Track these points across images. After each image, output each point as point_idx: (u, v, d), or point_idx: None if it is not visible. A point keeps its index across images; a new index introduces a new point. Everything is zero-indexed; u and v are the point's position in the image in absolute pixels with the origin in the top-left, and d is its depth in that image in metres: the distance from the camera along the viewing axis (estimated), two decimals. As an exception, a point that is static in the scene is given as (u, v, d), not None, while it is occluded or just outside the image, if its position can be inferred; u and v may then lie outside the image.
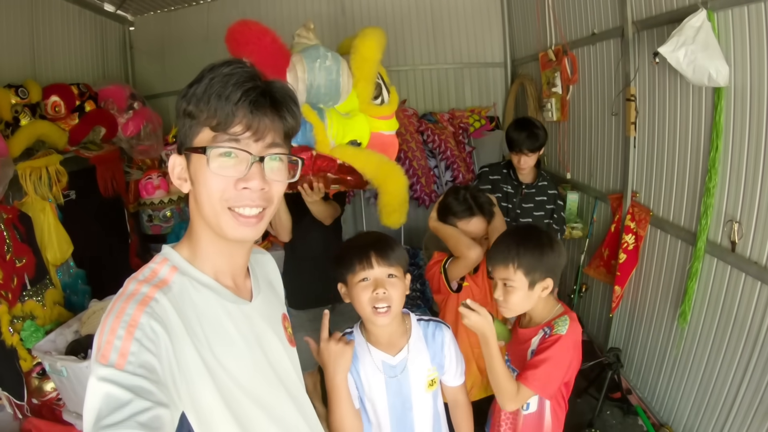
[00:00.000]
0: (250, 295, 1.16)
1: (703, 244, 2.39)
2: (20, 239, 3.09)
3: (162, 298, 0.93)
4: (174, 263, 1.03)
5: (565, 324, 1.72)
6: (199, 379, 0.95)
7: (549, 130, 4.32)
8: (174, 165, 1.03)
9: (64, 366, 2.60)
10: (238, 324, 1.07)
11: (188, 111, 0.97)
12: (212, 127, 0.95)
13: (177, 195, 4.43)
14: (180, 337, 0.93)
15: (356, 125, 2.24)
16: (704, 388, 2.48)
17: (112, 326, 0.86)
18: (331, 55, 2.13)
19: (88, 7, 4.75)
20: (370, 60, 2.14)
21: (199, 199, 1.00)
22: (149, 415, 0.78)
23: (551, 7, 3.95)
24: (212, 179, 0.96)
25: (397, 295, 1.61)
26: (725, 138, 2.24)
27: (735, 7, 2.07)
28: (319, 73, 2.06)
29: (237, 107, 0.94)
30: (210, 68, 0.97)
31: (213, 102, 0.94)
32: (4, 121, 3.29)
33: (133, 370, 0.82)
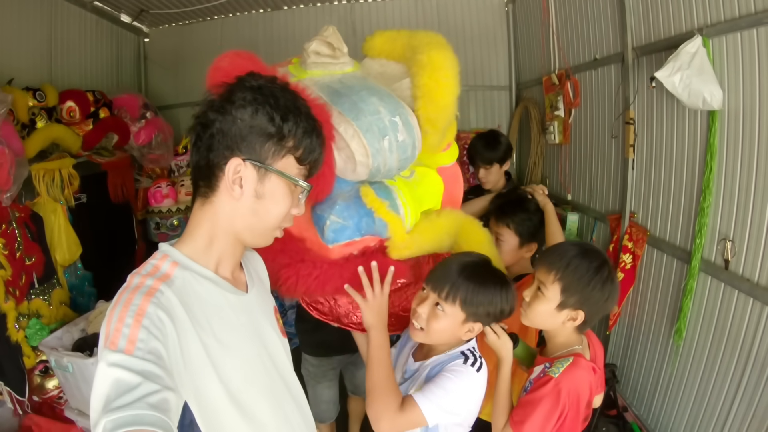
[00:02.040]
0: (245, 287, 1.23)
1: (697, 262, 2.46)
2: (31, 238, 3.18)
3: (167, 290, 0.97)
4: (174, 259, 1.07)
5: (562, 366, 1.53)
6: (202, 369, 0.99)
7: (551, 152, 4.44)
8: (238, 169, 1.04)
9: (70, 362, 2.66)
10: (239, 314, 1.14)
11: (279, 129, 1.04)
12: (297, 158, 1.08)
13: (185, 204, 4.51)
14: (185, 327, 0.97)
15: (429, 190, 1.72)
16: (699, 404, 2.52)
17: (120, 315, 0.89)
18: (400, 119, 1.48)
19: (105, 16, 4.91)
20: (447, 108, 1.54)
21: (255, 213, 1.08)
22: (158, 398, 0.80)
23: (555, 33, 4.07)
24: (283, 206, 1.09)
25: (435, 327, 1.52)
26: (719, 159, 2.32)
27: (729, 34, 2.17)
28: (390, 155, 1.46)
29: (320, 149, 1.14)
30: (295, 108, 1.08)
31: (308, 139, 1.08)
32: (21, 122, 3.38)
33: (142, 355, 0.84)
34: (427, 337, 1.56)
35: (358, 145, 1.42)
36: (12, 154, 2.89)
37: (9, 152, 2.86)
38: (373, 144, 1.42)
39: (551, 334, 1.67)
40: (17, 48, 3.78)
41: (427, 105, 1.51)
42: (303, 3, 5.44)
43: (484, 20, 5.45)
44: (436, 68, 1.49)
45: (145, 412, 0.77)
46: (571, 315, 1.56)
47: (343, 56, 1.70)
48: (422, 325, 1.54)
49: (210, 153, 1.05)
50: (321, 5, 5.51)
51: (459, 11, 5.48)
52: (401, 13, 5.53)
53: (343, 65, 1.68)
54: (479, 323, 1.57)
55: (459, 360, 1.55)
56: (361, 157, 1.43)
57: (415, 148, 1.54)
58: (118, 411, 0.76)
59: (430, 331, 1.53)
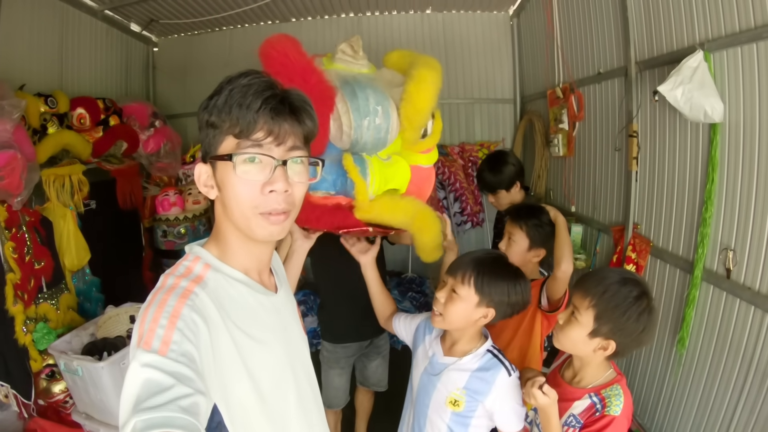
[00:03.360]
0: (274, 288, 1.24)
1: (700, 272, 2.49)
2: (40, 242, 3.23)
3: (201, 292, 0.98)
4: (206, 261, 1.08)
5: (620, 401, 1.54)
6: (233, 370, 0.99)
7: (555, 165, 4.50)
8: (200, 173, 1.09)
9: (80, 365, 2.70)
10: (271, 314, 1.15)
11: (211, 122, 1.03)
12: (235, 135, 1.01)
13: (192, 213, 4.56)
14: (218, 329, 0.97)
15: (397, 174, 2.05)
16: (702, 413, 2.55)
17: (154, 316, 0.89)
18: (381, 109, 1.88)
19: (115, 25, 5.01)
20: (422, 112, 1.92)
21: (227, 204, 1.05)
22: (190, 401, 0.80)
23: (560, 47, 4.14)
24: (240, 185, 1.02)
25: (452, 310, 1.72)
26: (720, 171, 2.37)
27: (729, 48, 2.22)
28: (366, 131, 1.87)
29: (258, 114, 0.99)
30: (228, 80, 1.02)
31: (234, 111, 0.99)
32: (32, 127, 3.43)
33: (175, 357, 0.84)
34: (445, 322, 1.73)
35: (346, 119, 1.83)
36: (24, 159, 2.95)
37: (21, 157, 2.91)
38: (356, 120, 1.82)
39: (582, 362, 1.66)
40: (29, 54, 3.86)
41: (407, 106, 1.88)
42: (311, 15, 5.54)
43: (489, 34, 5.55)
44: (420, 81, 1.86)
45: (176, 414, 0.77)
46: (603, 344, 1.55)
47: (361, 59, 2.10)
48: (441, 310, 1.73)
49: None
50: (329, 18, 5.60)
51: (464, 25, 5.57)
52: (407, 27, 5.63)
53: (361, 66, 2.09)
54: (492, 309, 1.72)
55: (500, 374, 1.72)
56: (347, 128, 1.84)
57: (388, 132, 1.91)
58: (150, 411, 0.76)
59: (447, 314, 1.71)
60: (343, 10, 5.48)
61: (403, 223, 1.98)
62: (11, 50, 3.62)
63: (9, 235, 2.99)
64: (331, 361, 2.74)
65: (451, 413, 1.76)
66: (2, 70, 3.48)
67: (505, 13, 5.51)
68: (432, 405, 1.82)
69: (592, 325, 1.52)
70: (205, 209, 4.66)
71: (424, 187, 2.22)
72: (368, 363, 2.84)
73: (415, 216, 2.00)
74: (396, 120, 1.91)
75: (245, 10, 5.06)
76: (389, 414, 2.86)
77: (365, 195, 1.88)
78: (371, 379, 2.87)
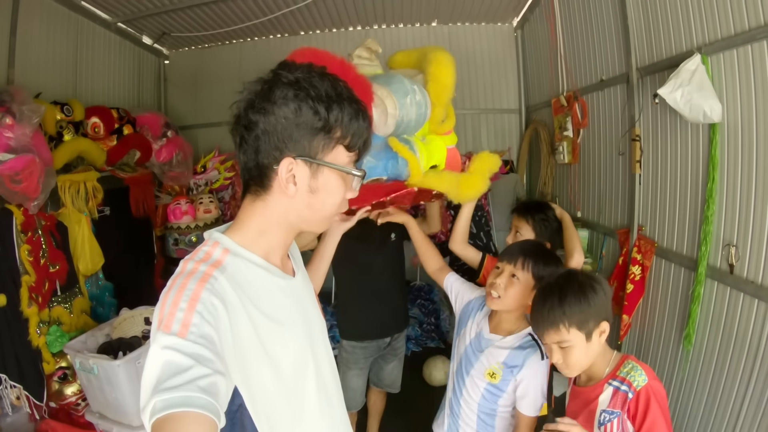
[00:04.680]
0: (292, 272, 1.25)
1: (703, 269, 2.54)
2: (56, 246, 3.31)
3: (220, 276, 0.98)
4: (225, 245, 1.08)
5: (639, 371, 1.56)
6: (253, 354, 1.00)
7: (560, 172, 4.56)
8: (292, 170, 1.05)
9: (96, 364, 2.74)
10: (289, 297, 1.16)
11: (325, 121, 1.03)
12: (346, 146, 1.08)
13: (203, 222, 4.65)
14: (237, 313, 0.98)
15: (436, 150, 2.25)
16: (709, 408, 2.58)
17: (174, 299, 0.91)
18: (417, 87, 2.07)
19: (128, 38, 5.16)
20: (448, 87, 2.14)
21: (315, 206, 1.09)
22: (208, 381, 0.81)
23: (563, 57, 4.23)
24: (338, 195, 1.11)
25: (511, 293, 1.90)
26: (720, 169, 2.43)
27: (726, 51, 2.29)
28: (410, 108, 2.02)
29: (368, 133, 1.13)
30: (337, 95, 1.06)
31: (355, 124, 1.07)
32: (49, 134, 3.51)
33: (194, 339, 0.85)
34: (502, 304, 1.91)
35: (390, 101, 1.96)
36: (42, 164, 3.04)
37: (39, 161, 3.01)
38: (400, 99, 1.98)
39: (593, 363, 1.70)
40: (45, 64, 3.97)
41: (434, 84, 2.10)
42: (319, 28, 5.67)
43: (494, 46, 5.66)
44: (439, 62, 2.12)
45: (195, 394, 0.78)
46: (600, 331, 1.62)
47: (376, 60, 2.33)
48: (500, 293, 1.89)
49: (258, 155, 1.06)
50: (337, 31, 5.73)
51: (470, 37, 5.68)
52: (414, 39, 5.74)
53: (376, 68, 2.30)
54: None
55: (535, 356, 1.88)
56: (392, 110, 1.96)
57: (427, 107, 2.10)
58: (169, 392, 0.77)
59: (506, 297, 1.89)
60: (351, 23, 5.60)
61: (454, 190, 2.18)
62: (28, 60, 3.74)
63: (25, 238, 3.07)
64: (350, 362, 2.76)
65: (487, 384, 1.95)
66: (19, 78, 3.60)
67: (509, 25, 5.63)
68: (473, 373, 1.99)
69: (583, 335, 1.59)
70: (215, 218, 4.74)
71: (454, 165, 2.45)
72: (384, 365, 2.87)
73: (459, 181, 2.19)
74: (428, 96, 2.12)
75: (255, 24, 5.18)
76: (400, 415, 2.90)
77: (419, 169, 2.06)
78: (386, 380, 2.90)
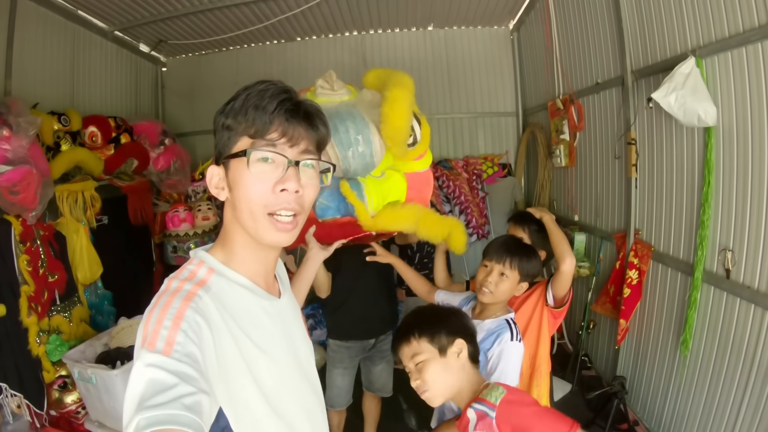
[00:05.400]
0: (278, 293, 1.22)
1: (700, 273, 2.54)
2: (54, 256, 3.31)
3: (204, 295, 0.97)
4: (210, 265, 1.07)
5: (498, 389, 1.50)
6: (237, 374, 0.98)
7: (558, 175, 4.56)
8: (212, 175, 1.08)
9: (94, 373, 2.75)
10: (274, 319, 1.14)
11: (227, 124, 1.04)
12: (250, 135, 1.01)
13: (201, 229, 4.65)
14: (221, 332, 0.96)
15: (393, 187, 2.21)
16: (707, 413, 2.57)
17: (158, 317, 0.89)
18: (362, 138, 2.03)
19: (125, 46, 5.16)
20: (401, 129, 2.02)
21: (238, 205, 1.04)
22: (193, 399, 0.80)
23: (558, 60, 4.23)
24: (252, 184, 1.01)
25: (502, 288, 2.01)
26: (716, 173, 2.43)
27: (720, 53, 2.30)
28: (353, 160, 2.03)
29: (273, 116, 1.01)
30: (244, 87, 1.04)
31: (251, 113, 1.01)
32: (46, 145, 3.50)
33: (179, 357, 0.84)
34: (493, 297, 2.01)
35: (332, 153, 2.00)
36: (39, 175, 3.04)
37: (36, 172, 3.01)
38: (341, 152, 2.01)
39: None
40: (42, 74, 3.97)
41: (385, 127, 2.00)
42: (315, 34, 5.67)
43: (490, 49, 5.67)
44: (393, 101, 1.96)
45: (179, 412, 0.77)
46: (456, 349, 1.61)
47: (339, 89, 2.23)
48: (491, 289, 2.00)
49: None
50: (333, 37, 5.73)
51: (466, 41, 5.68)
52: (410, 45, 5.75)
53: (341, 95, 2.22)
54: (526, 283, 2.06)
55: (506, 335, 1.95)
56: (335, 161, 2.00)
57: (373, 156, 2.07)
58: (153, 409, 0.76)
59: (497, 292, 2.00)
60: (347, 29, 5.60)
61: (410, 228, 2.18)
62: (25, 70, 3.73)
63: (24, 249, 3.06)
64: (335, 361, 2.82)
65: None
66: (16, 89, 3.59)
67: (505, 28, 5.63)
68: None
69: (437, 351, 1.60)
70: (214, 225, 4.74)
71: (423, 191, 2.40)
72: (372, 367, 2.89)
73: (419, 219, 2.20)
74: (378, 142, 2.06)
75: (251, 31, 5.19)
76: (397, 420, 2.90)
77: (366, 214, 2.06)
78: (376, 383, 2.92)
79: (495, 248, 2.09)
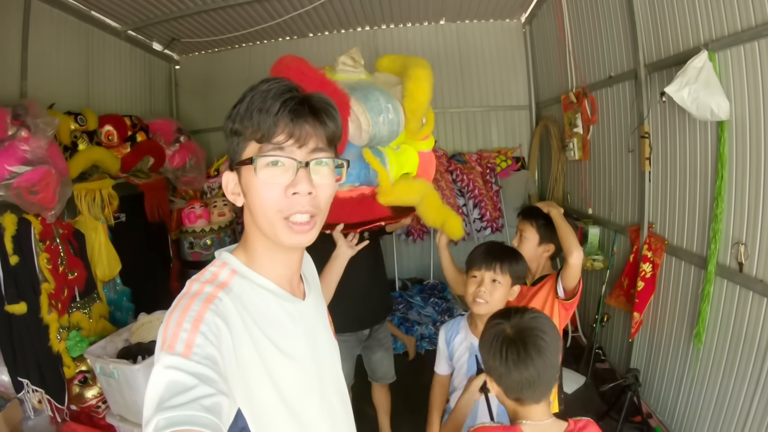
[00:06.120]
0: (303, 294, 1.21)
1: (713, 267, 2.54)
2: (73, 253, 3.36)
3: (225, 297, 0.97)
4: (233, 267, 1.08)
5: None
6: (257, 377, 0.99)
7: (571, 169, 4.56)
8: (227, 181, 1.08)
9: (116, 368, 2.80)
10: (297, 322, 1.13)
11: (234, 129, 1.03)
12: (257, 140, 1.00)
13: (218, 225, 4.69)
14: (240, 335, 0.96)
15: (408, 158, 2.38)
16: (720, 406, 2.58)
17: (178, 320, 0.90)
18: (392, 106, 2.19)
19: (138, 45, 5.21)
20: (423, 105, 2.23)
21: (253, 210, 1.04)
22: (212, 401, 0.80)
23: (571, 53, 4.21)
24: (263, 189, 1.00)
25: (497, 295, 1.97)
26: (729, 167, 2.42)
27: (733, 47, 2.29)
28: (383, 126, 2.15)
29: (278, 118, 0.98)
30: (250, 88, 1.03)
31: (255, 116, 0.98)
32: (63, 144, 3.56)
33: (198, 359, 0.84)
34: (490, 307, 1.93)
35: (364, 118, 2.09)
36: (58, 174, 3.09)
37: (55, 172, 3.06)
38: (373, 118, 2.11)
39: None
40: (57, 75, 4.03)
41: (409, 101, 2.19)
42: (327, 30, 5.69)
43: (502, 43, 5.65)
44: (418, 79, 2.18)
45: (198, 413, 0.77)
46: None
47: (360, 67, 2.43)
48: (486, 299, 1.95)
49: None
50: (345, 32, 5.75)
51: (478, 35, 5.67)
52: (422, 39, 5.75)
53: (359, 74, 2.42)
54: (518, 286, 2.03)
55: None
56: (366, 126, 2.10)
57: (400, 125, 2.23)
58: (172, 410, 0.77)
59: (493, 301, 1.95)
60: (359, 24, 5.61)
61: (416, 201, 2.31)
62: (40, 71, 3.79)
63: (44, 247, 3.12)
64: None
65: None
66: (32, 90, 3.66)
67: (517, 21, 5.61)
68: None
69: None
70: (230, 221, 4.79)
71: (429, 169, 2.59)
72: (371, 355, 2.93)
73: (424, 195, 2.33)
74: (403, 115, 2.24)
75: (264, 27, 5.22)
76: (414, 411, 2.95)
77: (387, 180, 2.19)
78: (378, 372, 2.96)
79: (480, 257, 2.04)
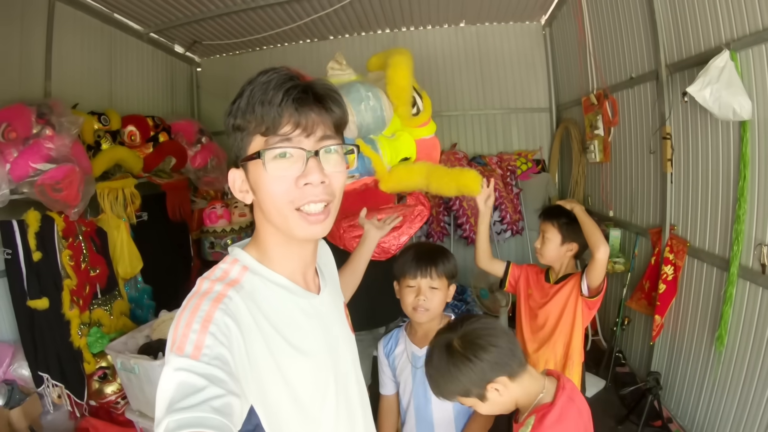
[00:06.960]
0: (318, 288, 1.18)
1: (735, 269, 2.50)
2: (96, 251, 3.43)
3: (235, 295, 0.96)
4: (244, 263, 1.05)
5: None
6: (269, 374, 0.97)
7: (592, 171, 4.52)
8: (234, 179, 1.05)
9: (137, 363, 2.84)
10: (311, 318, 1.11)
11: (236, 125, 1.00)
12: (262, 133, 0.97)
13: (238, 225, 4.73)
14: (251, 333, 0.95)
15: (403, 144, 2.44)
16: (741, 411, 2.53)
17: (187, 321, 0.89)
18: (372, 94, 2.30)
19: (160, 47, 5.31)
20: (405, 88, 2.32)
21: (264, 206, 1.01)
22: (222, 402, 0.80)
23: (592, 55, 4.18)
24: (273, 183, 0.97)
25: (437, 300, 1.89)
26: (752, 167, 2.39)
27: (754, 46, 2.26)
28: (366, 113, 2.26)
29: (282, 108, 0.94)
30: (248, 81, 0.99)
31: (258, 109, 0.95)
32: (87, 144, 3.62)
33: (208, 360, 0.84)
34: (431, 314, 1.89)
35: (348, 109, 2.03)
36: (81, 172, 3.16)
37: (79, 170, 3.13)
38: (355, 107, 2.22)
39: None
40: (80, 76, 4.12)
41: (390, 86, 2.31)
42: (348, 33, 5.72)
43: (522, 45, 5.63)
44: (394, 65, 2.29)
45: (208, 415, 0.77)
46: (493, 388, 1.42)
47: (348, 69, 2.54)
48: (428, 306, 1.87)
49: None
50: (365, 35, 5.77)
51: (498, 37, 5.66)
52: (442, 41, 5.75)
53: (349, 75, 2.53)
54: (453, 285, 1.96)
55: None
56: (350, 116, 2.10)
57: (383, 110, 2.31)
58: (182, 412, 0.76)
59: (434, 307, 1.88)
60: (379, 27, 5.64)
61: (422, 182, 2.32)
62: (64, 72, 3.88)
63: (66, 244, 3.19)
64: None
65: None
66: (56, 90, 3.75)
67: (537, 23, 5.59)
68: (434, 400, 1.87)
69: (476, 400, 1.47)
70: (250, 222, 4.81)
71: (432, 154, 2.65)
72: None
73: (429, 174, 2.33)
74: (387, 101, 2.34)
75: (284, 30, 5.27)
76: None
77: (382, 165, 2.28)
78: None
79: (413, 264, 1.92)
